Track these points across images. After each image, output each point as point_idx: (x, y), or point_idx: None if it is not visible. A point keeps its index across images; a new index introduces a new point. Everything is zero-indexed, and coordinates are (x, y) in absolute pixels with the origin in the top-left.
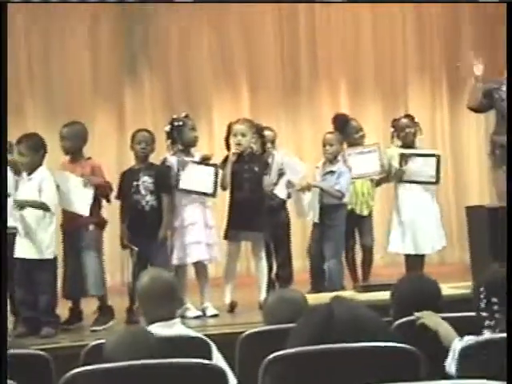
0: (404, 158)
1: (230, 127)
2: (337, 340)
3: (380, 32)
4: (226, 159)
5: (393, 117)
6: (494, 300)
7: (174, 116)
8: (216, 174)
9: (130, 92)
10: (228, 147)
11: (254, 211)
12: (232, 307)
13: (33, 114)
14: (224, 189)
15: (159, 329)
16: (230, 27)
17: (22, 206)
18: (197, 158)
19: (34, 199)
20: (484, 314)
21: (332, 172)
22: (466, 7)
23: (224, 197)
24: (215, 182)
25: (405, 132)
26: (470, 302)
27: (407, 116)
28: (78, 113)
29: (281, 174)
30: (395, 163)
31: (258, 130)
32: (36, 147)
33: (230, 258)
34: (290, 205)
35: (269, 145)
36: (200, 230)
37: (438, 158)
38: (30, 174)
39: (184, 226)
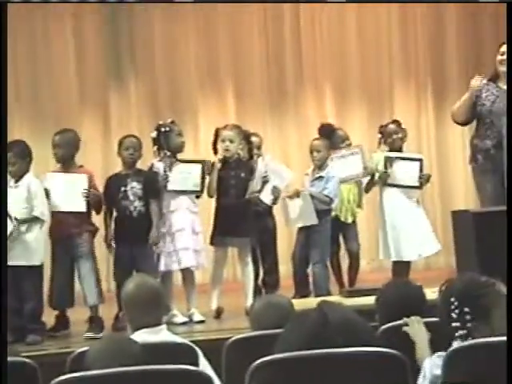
0: (389, 161)
1: (217, 132)
2: (330, 344)
3: (365, 36)
4: (212, 165)
5: (378, 121)
6: (466, 310)
7: (161, 122)
8: (203, 170)
9: (115, 98)
10: (215, 152)
11: (240, 217)
12: (218, 313)
13: (19, 120)
14: (210, 195)
15: (145, 335)
16: (215, 31)
17: (20, 223)
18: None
19: (26, 216)
20: (455, 324)
21: (321, 177)
22: (451, 8)
23: (209, 203)
24: (203, 178)
25: (392, 138)
26: None
27: (394, 122)
28: (64, 119)
29: (265, 181)
30: (381, 168)
31: (246, 137)
32: (22, 154)
33: (217, 264)
34: (276, 211)
35: (255, 151)
36: (188, 236)
37: (422, 162)
38: (17, 181)
39: (172, 233)
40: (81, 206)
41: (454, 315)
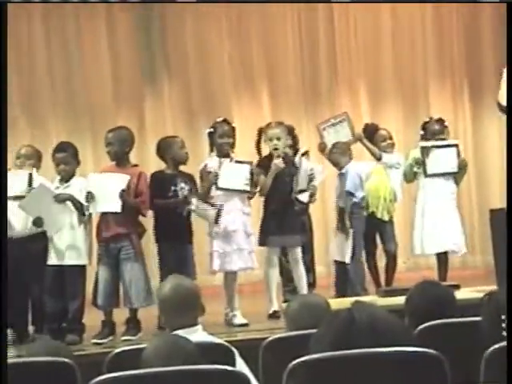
0: (425, 151)
1: (261, 132)
2: (357, 345)
3: (399, 35)
4: (259, 163)
5: (414, 120)
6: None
7: (218, 119)
8: (251, 172)
9: (149, 99)
10: (259, 152)
11: (291, 214)
12: (277, 316)
13: (54, 120)
14: (263, 194)
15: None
16: (248, 31)
17: (65, 199)
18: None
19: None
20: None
21: (341, 174)
22: (487, 7)
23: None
24: (251, 179)
25: (434, 138)
26: None
27: (439, 120)
28: (98, 120)
29: (311, 179)
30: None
31: (290, 132)
32: (74, 156)
33: (271, 265)
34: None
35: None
36: (241, 238)
37: (458, 147)
38: (66, 181)
39: (225, 234)
40: (116, 207)
41: (504, 333)
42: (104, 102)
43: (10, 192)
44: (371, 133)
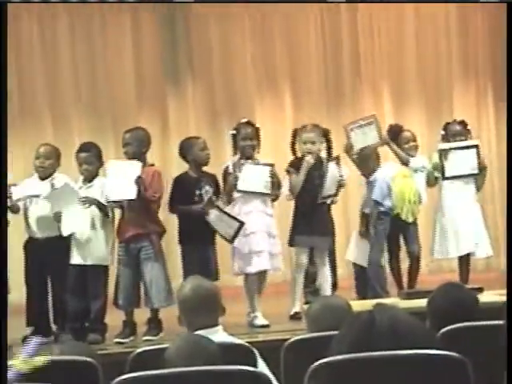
0: (443, 154)
1: (296, 133)
2: (378, 347)
3: (423, 36)
4: (291, 164)
5: (437, 121)
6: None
7: (243, 120)
8: (272, 174)
9: (172, 99)
10: (294, 153)
11: (321, 216)
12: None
13: (78, 119)
14: (293, 195)
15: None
16: (271, 32)
17: (91, 203)
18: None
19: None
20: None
21: (369, 182)
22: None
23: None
24: (272, 182)
25: (455, 140)
26: None
27: (461, 123)
28: (121, 119)
29: (341, 185)
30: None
31: (325, 135)
32: (98, 157)
33: (299, 266)
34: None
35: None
36: (262, 239)
37: (478, 148)
38: (90, 181)
39: (245, 235)
40: (131, 194)
41: None
42: (127, 101)
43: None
44: (395, 134)
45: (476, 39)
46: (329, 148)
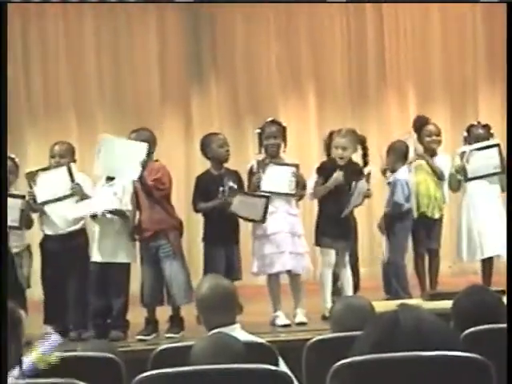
0: (465, 156)
1: (331, 136)
2: (401, 348)
3: (449, 38)
4: (321, 165)
5: (462, 123)
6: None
7: (268, 119)
8: (296, 174)
9: (196, 98)
10: (328, 155)
11: (342, 221)
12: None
13: (102, 119)
14: (316, 197)
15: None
16: (296, 32)
17: (103, 215)
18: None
19: (114, 208)
20: None
21: (389, 183)
22: None
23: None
24: (297, 182)
25: (477, 143)
26: None
27: (485, 126)
28: (145, 118)
29: (367, 196)
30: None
31: (361, 142)
32: None
33: (326, 265)
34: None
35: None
36: (284, 240)
37: (499, 147)
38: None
39: (267, 235)
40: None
41: None
42: (151, 100)
43: (52, 193)
44: (421, 125)
45: (502, 39)
46: (364, 155)
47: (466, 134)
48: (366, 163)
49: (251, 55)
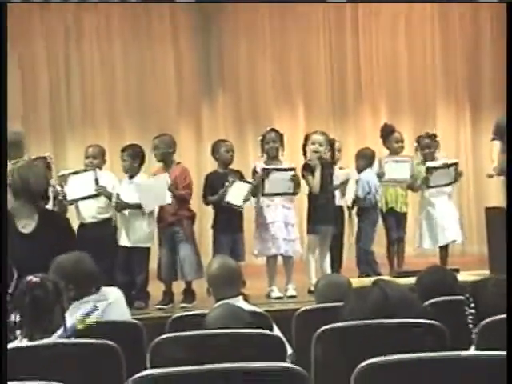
0: (430, 171)
1: (307, 137)
2: (390, 315)
3: (413, 60)
4: (304, 166)
5: (423, 132)
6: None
7: (268, 128)
8: (294, 176)
9: (206, 109)
10: (304, 154)
11: (330, 209)
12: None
13: (129, 126)
14: (315, 191)
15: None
16: (288, 53)
17: (122, 208)
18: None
19: (134, 202)
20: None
21: (357, 181)
22: (487, 34)
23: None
24: (296, 184)
25: (425, 150)
26: None
27: (431, 135)
28: (163, 127)
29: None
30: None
31: (331, 143)
32: (134, 155)
33: (312, 250)
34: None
35: (336, 153)
36: (279, 229)
37: (457, 165)
38: (131, 177)
39: (265, 224)
40: (168, 200)
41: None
42: (168, 110)
43: (80, 192)
44: (388, 133)
45: (455, 62)
46: (332, 154)
47: (416, 144)
48: (333, 159)
49: (251, 75)
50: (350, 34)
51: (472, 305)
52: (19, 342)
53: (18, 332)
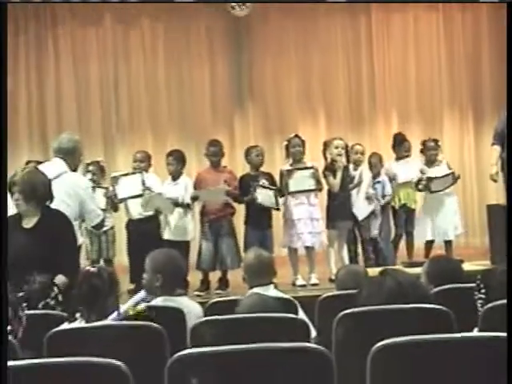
0: (430, 180)
1: (326, 143)
2: (404, 301)
3: (422, 76)
4: (326, 168)
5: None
6: (483, 290)
7: (291, 135)
8: (315, 174)
9: (238, 119)
10: (326, 158)
11: (347, 207)
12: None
13: (171, 133)
14: (334, 190)
15: (259, 291)
16: (311, 68)
17: (175, 205)
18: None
19: (181, 201)
20: (479, 295)
21: (378, 182)
22: (486, 50)
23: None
24: (317, 180)
25: (430, 152)
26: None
27: (433, 140)
28: (201, 134)
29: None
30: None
31: (347, 147)
32: (179, 159)
33: (332, 243)
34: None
35: (359, 156)
36: (305, 224)
37: (454, 173)
38: (175, 179)
39: (292, 220)
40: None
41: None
42: (205, 119)
43: (129, 192)
44: (400, 141)
45: (460, 75)
46: (348, 157)
47: (421, 146)
48: (348, 162)
49: (278, 89)
50: (364, 52)
51: (483, 290)
52: (79, 323)
53: (77, 314)
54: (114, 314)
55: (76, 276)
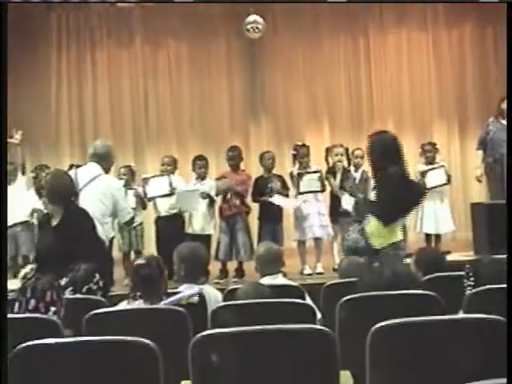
0: (423, 173)
1: (328, 149)
2: (400, 287)
3: (414, 86)
4: (328, 171)
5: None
6: (472, 278)
7: (298, 143)
8: (321, 177)
9: (252, 128)
10: (327, 162)
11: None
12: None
13: (193, 140)
14: (335, 191)
15: (269, 280)
16: (315, 84)
17: (204, 197)
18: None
19: (209, 194)
20: (468, 283)
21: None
22: (470, 68)
23: None
24: (322, 182)
25: (427, 154)
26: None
27: (431, 143)
28: (219, 142)
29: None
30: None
31: (347, 152)
32: (205, 162)
33: (335, 236)
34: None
35: (359, 160)
36: (314, 218)
37: (445, 167)
38: (202, 179)
39: (302, 215)
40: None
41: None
42: (223, 128)
43: (158, 191)
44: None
45: (447, 87)
46: (349, 162)
47: (420, 149)
48: (349, 165)
49: (287, 102)
50: (363, 69)
51: (471, 278)
52: (138, 305)
53: (138, 295)
54: (168, 300)
55: (107, 263)
